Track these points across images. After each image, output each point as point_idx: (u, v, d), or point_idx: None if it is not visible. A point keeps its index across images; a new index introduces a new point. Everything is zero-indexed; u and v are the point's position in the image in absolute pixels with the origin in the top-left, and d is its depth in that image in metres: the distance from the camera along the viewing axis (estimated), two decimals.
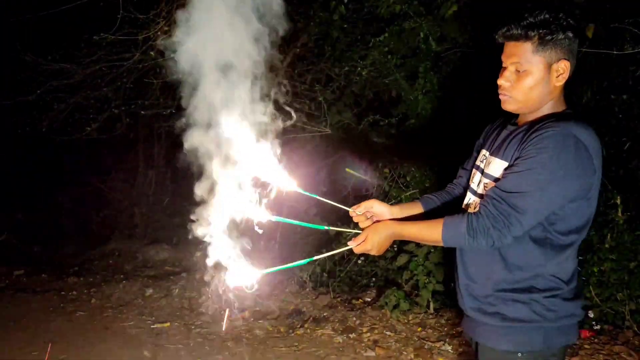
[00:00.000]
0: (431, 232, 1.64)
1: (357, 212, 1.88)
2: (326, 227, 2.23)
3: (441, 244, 1.63)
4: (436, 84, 4.51)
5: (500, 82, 1.63)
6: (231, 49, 1.73)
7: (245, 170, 1.76)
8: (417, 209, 1.95)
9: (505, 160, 1.61)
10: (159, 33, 4.37)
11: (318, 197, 1.94)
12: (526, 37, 1.55)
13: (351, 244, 1.78)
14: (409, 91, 4.64)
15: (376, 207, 1.87)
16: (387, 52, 4.71)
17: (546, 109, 1.62)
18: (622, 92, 3.91)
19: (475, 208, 1.70)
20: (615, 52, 3.64)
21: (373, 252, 1.75)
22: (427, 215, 1.92)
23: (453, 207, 1.89)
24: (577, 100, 3.83)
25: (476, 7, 4.24)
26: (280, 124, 1.85)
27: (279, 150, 1.83)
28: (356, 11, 5.10)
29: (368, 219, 1.88)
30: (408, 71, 4.77)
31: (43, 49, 5.46)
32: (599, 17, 3.69)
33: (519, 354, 1.61)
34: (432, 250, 4.22)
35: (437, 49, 4.52)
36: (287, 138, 5.35)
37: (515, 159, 1.55)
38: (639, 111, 3.91)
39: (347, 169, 5.06)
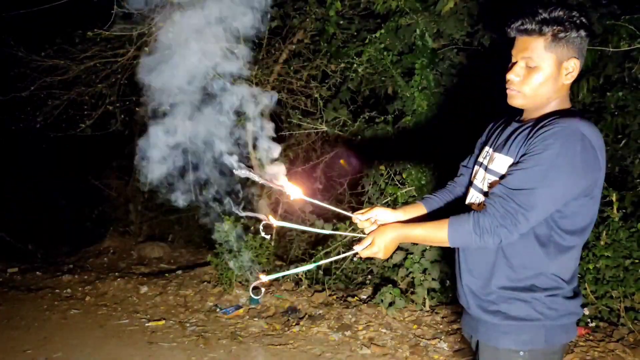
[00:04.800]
0: (437, 233, 1.62)
1: (361, 218, 1.85)
2: (330, 232, 2.23)
3: (447, 244, 1.61)
4: (432, 81, 4.51)
5: (509, 76, 1.61)
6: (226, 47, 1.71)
7: (245, 175, 1.74)
8: (420, 210, 1.94)
9: (510, 156, 1.60)
10: (153, 29, 4.35)
11: (320, 203, 1.91)
12: (539, 33, 1.54)
13: (357, 248, 1.75)
14: (405, 88, 4.64)
15: (380, 215, 1.85)
16: (383, 48, 4.71)
17: (552, 107, 1.62)
18: (618, 89, 3.92)
19: (480, 206, 1.68)
20: (611, 49, 3.64)
21: (380, 256, 1.72)
22: (430, 217, 1.90)
23: (456, 206, 1.88)
24: (572, 96, 3.83)
25: (472, 4, 4.23)
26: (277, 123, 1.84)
27: (277, 151, 1.81)
28: (352, 7, 5.09)
29: (372, 223, 1.85)
30: (404, 68, 4.76)
31: (37, 44, 5.43)
32: (595, 13, 3.69)
33: (521, 352, 1.60)
34: (427, 247, 4.21)
35: (433, 45, 4.51)
36: (283, 136, 5.37)
37: (521, 156, 1.54)
38: (635, 108, 3.91)
39: (341, 161, 5.06)
